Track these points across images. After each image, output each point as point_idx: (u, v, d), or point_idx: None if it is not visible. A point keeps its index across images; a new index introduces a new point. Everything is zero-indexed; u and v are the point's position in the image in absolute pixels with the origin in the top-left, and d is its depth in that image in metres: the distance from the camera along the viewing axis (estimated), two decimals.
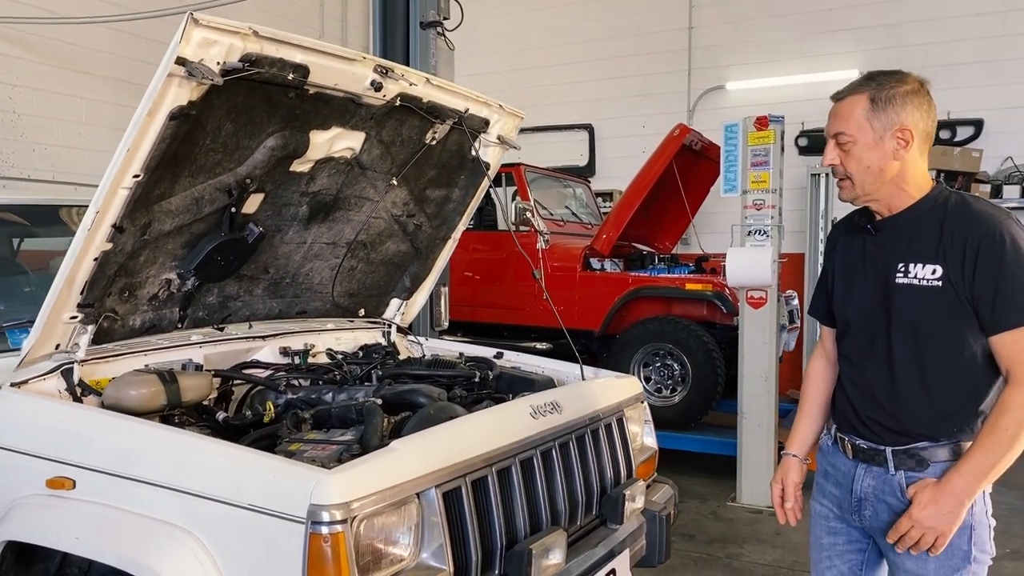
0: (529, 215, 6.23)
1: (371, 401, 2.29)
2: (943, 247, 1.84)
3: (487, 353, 3.28)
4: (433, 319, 4.77)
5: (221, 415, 2.44)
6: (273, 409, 2.46)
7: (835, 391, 2.15)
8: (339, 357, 3.12)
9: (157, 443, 1.94)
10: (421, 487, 1.86)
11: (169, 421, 2.31)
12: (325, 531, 1.64)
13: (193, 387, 2.40)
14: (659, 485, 2.96)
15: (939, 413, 1.89)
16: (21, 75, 6.29)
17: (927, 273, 1.86)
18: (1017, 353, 1.80)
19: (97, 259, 2.15)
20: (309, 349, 3.05)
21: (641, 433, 2.96)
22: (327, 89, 2.37)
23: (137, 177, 2.07)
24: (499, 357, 3.23)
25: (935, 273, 1.85)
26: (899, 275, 1.90)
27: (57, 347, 2.25)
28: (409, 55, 4.60)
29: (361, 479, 1.73)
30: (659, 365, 6.03)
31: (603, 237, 6.29)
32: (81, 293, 2.19)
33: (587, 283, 6.37)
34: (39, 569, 2.17)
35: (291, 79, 2.22)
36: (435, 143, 2.94)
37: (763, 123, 5.02)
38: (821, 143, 8.28)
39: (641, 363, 6.03)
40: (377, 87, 2.49)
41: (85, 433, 2.02)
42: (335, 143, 2.60)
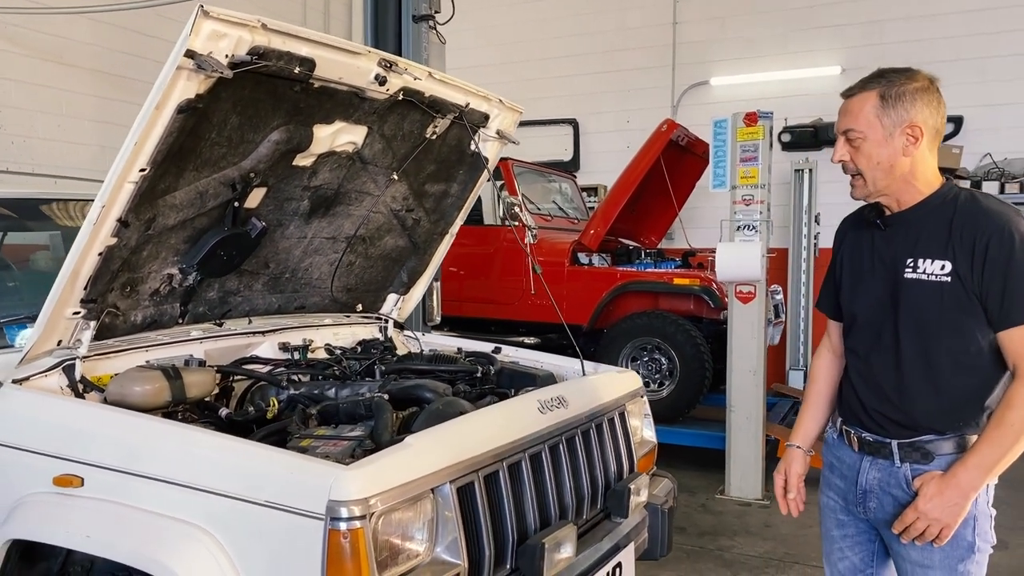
0: (517, 210, 6.21)
1: (379, 396, 2.28)
2: (953, 243, 1.86)
3: (485, 348, 3.27)
4: (425, 314, 4.77)
5: (224, 411, 2.42)
6: (276, 405, 2.45)
7: (841, 384, 2.17)
8: (337, 352, 3.10)
9: (169, 440, 1.92)
10: (436, 482, 1.85)
11: (172, 418, 2.29)
12: (344, 527, 1.64)
13: (197, 383, 2.38)
14: (659, 479, 2.98)
15: (945, 407, 1.92)
16: (0, 67, 6.18)
17: (936, 268, 1.88)
18: None
19: (102, 254, 2.12)
20: (308, 344, 3.03)
21: (641, 427, 2.98)
22: (332, 83, 2.36)
23: (143, 171, 2.05)
24: (497, 352, 3.23)
25: (944, 269, 1.87)
26: (908, 270, 1.92)
27: (59, 343, 2.23)
28: (401, 49, 4.57)
29: (379, 475, 1.73)
30: (647, 359, 6.05)
31: (591, 232, 6.30)
32: (85, 288, 2.16)
33: (575, 278, 6.38)
34: (42, 568, 2.14)
35: (297, 72, 2.21)
36: (435, 138, 2.93)
37: (752, 119, 5.05)
38: (804, 139, 8.30)
39: (629, 357, 6.05)
40: (381, 81, 2.47)
41: (94, 430, 1.99)
42: (338, 137, 2.58)
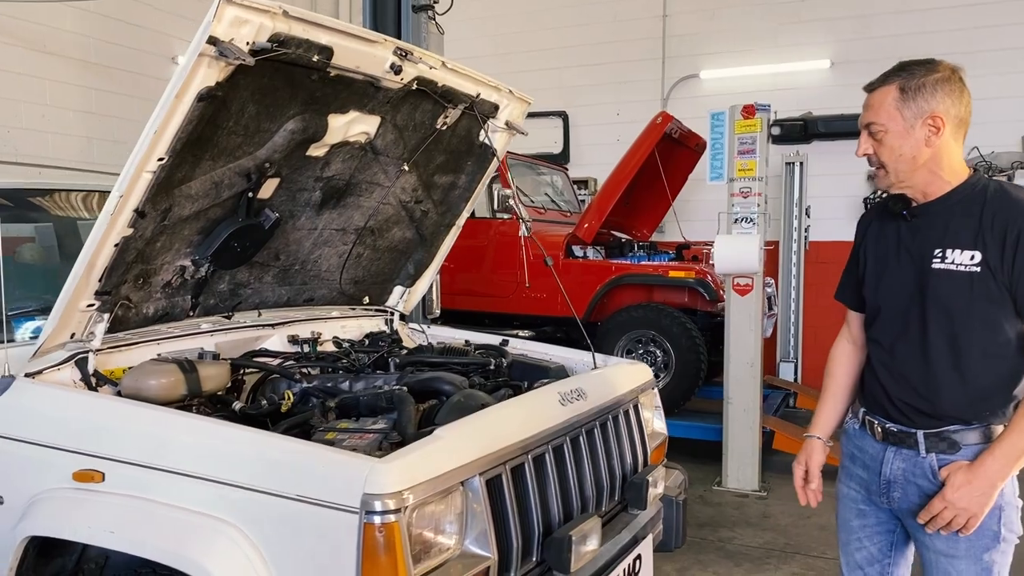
0: (511, 202, 6.19)
1: (400, 389, 2.26)
2: (983, 233, 1.87)
3: (493, 341, 3.25)
4: (425, 307, 4.74)
5: (237, 404, 2.39)
6: (291, 398, 2.42)
7: (863, 374, 2.17)
8: (346, 345, 3.07)
9: (195, 433, 1.89)
10: (466, 475, 1.84)
11: (186, 411, 2.25)
12: (379, 521, 1.61)
13: (212, 376, 2.34)
14: (670, 471, 2.98)
15: (972, 397, 1.93)
16: None
17: (965, 259, 1.88)
18: None
19: (118, 245, 2.08)
20: (317, 337, 3.00)
21: (652, 419, 2.98)
22: (348, 71, 2.33)
23: (162, 160, 2.01)
24: (505, 344, 3.21)
25: (973, 259, 1.87)
26: (936, 260, 1.93)
27: (72, 336, 2.18)
28: (400, 39, 4.52)
29: (412, 468, 1.71)
30: (642, 352, 6.05)
31: (586, 225, 6.28)
32: (100, 280, 2.12)
33: (569, 271, 6.36)
34: (57, 564, 2.10)
35: (316, 61, 2.18)
36: (446, 128, 2.90)
37: (750, 111, 5.06)
38: (794, 132, 8.29)
39: (624, 350, 6.04)
40: (397, 70, 2.45)
41: (116, 424, 1.95)
42: (351, 127, 2.55)
